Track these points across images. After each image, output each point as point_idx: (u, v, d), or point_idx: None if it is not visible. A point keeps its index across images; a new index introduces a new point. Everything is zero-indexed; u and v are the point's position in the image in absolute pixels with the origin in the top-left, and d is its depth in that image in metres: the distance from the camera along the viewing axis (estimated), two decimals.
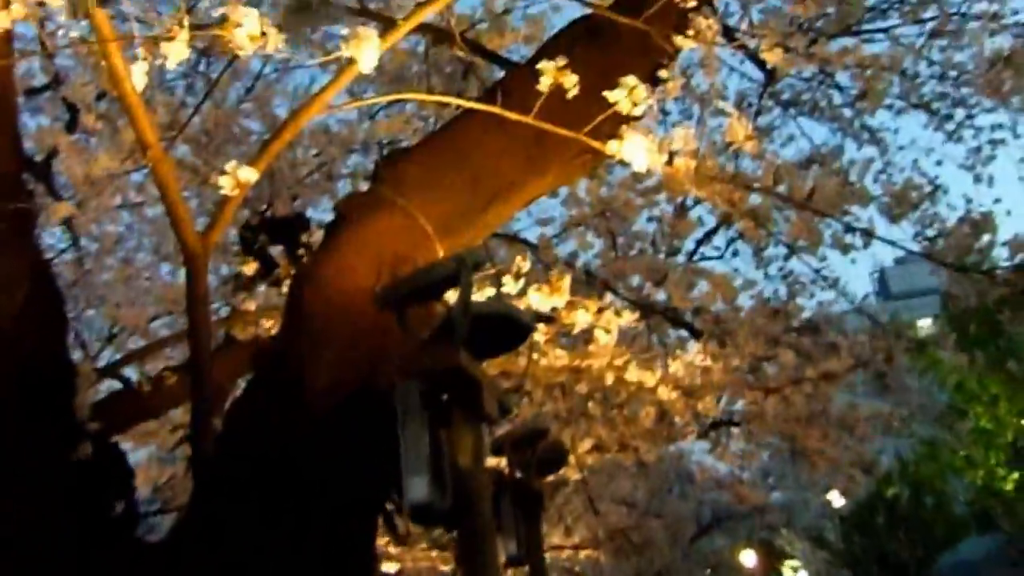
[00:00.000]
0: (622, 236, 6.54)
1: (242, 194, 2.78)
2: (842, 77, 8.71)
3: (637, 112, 2.69)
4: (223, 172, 2.63)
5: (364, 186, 5.28)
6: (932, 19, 8.28)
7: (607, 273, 6.22)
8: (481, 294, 4.31)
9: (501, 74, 4.41)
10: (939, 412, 10.08)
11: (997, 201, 10.75)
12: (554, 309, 4.37)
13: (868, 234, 4.03)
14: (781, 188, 3.43)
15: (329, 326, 3.08)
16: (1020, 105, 8.84)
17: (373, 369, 3.03)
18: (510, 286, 4.27)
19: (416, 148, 3.53)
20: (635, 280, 6.41)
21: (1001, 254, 5.67)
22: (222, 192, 2.63)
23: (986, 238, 4.81)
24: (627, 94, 2.64)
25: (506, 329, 2.39)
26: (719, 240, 8.50)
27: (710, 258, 7.73)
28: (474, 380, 2.18)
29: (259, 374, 3.59)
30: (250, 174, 2.65)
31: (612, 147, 2.74)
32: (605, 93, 2.71)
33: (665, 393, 4.85)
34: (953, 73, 8.82)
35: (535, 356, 4.89)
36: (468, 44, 4.36)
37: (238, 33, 2.21)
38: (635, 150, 2.68)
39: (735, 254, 8.57)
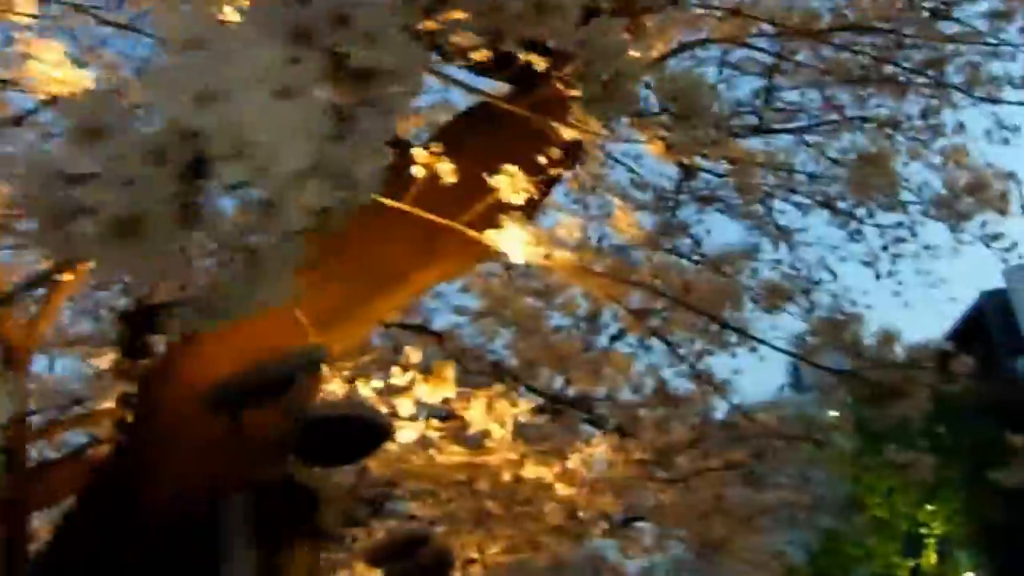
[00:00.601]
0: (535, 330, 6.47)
1: (77, 280, 2.58)
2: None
3: (517, 201, 2.57)
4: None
5: None
6: (832, 121, 8.50)
7: (516, 364, 6.11)
8: (359, 388, 4.15)
9: None
10: (840, 504, 10.10)
11: (896, 294, 10.95)
12: (446, 402, 4.22)
13: (742, 333, 3.99)
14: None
15: (178, 431, 2.74)
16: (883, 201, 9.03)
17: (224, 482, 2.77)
18: (398, 378, 4.12)
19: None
20: (544, 372, 6.32)
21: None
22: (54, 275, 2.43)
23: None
24: (508, 182, 2.53)
25: (360, 432, 2.20)
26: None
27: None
28: (308, 492, 1.95)
29: (94, 486, 3.21)
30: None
31: (490, 238, 2.61)
32: (489, 180, 2.60)
33: (565, 489, 4.68)
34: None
35: (431, 453, 4.72)
36: None
37: None
38: (512, 242, 2.56)
39: (647, 349, 8.55)
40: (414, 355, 3.96)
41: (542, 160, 3.11)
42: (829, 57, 6.33)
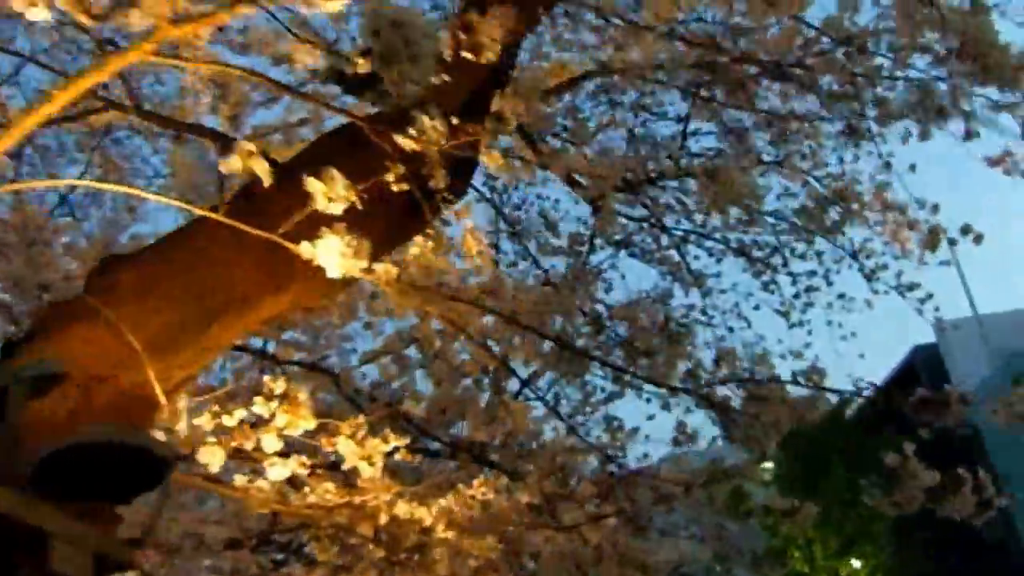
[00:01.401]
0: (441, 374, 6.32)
1: None
2: (669, 220, 8.87)
3: (335, 210, 2.43)
4: None
5: None
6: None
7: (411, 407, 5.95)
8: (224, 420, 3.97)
9: None
10: (758, 556, 10.01)
11: (807, 346, 10.97)
12: (313, 436, 4.05)
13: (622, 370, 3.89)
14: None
15: None
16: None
17: None
18: (261, 408, 3.94)
19: (139, 253, 3.19)
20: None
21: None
22: None
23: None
24: (325, 187, 2.38)
25: (134, 463, 1.99)
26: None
27: (531, 399, 7.59)
28: (34, 531, 1.73)
29: None
30: None
31: (306, 250, 2.47)
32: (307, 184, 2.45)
33: (442, 531, 4.50)
34: (771, 220, 9.08)
35: (304, 492, 4.53)
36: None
37: None
38: (329, 253, 2.41)
39: (556, 397, 8.44)
40: (276, 385, 3.79)
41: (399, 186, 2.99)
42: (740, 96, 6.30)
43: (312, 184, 2.42)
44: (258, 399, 3.83)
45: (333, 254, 2.39)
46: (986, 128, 5.19)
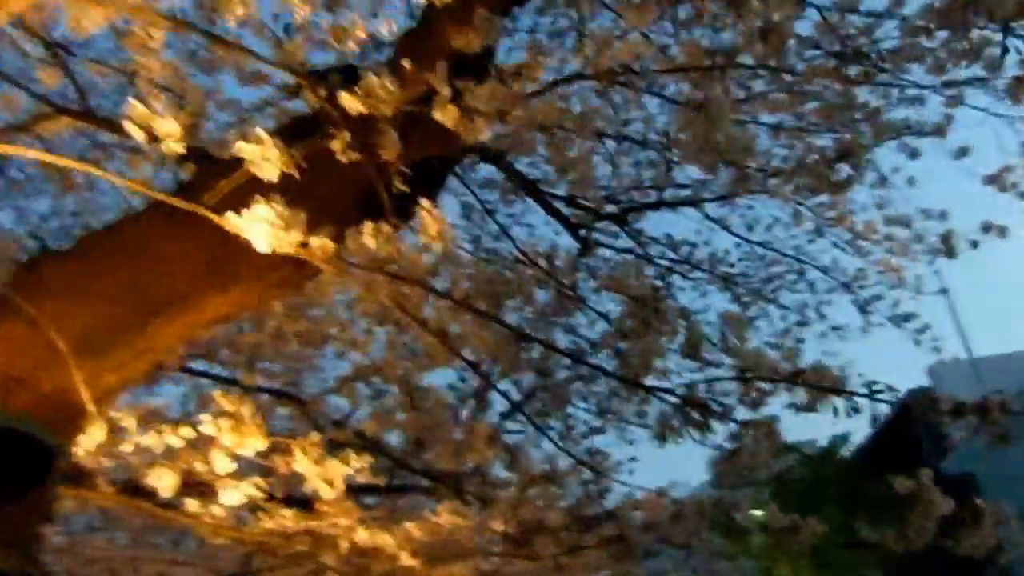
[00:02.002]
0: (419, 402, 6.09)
1: None
2: (653, 250, 8.69)
3: (270, 175, 2.20)
4: None
5: None
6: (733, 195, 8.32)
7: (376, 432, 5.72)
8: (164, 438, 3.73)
9: None
10: None
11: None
12: (266, 457, 3.81)
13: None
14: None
15: None
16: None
17: None
18: (209, 427, 3.71)
19: (73, 247, 2.97)
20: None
21: None
22: None
23: None
24: (257, 150, 2.16)
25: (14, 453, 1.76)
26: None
27: (513, 432, 7.36)
28: None
29: None
30: None
31: (231, 221, 2.24)
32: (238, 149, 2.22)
33: (408, 559, 4.24)
34: (759, 251, 8.90)
35: (258, 517, 4.28)
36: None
37: None
38: (256, 225, 2.19)
39: (539, 429, 8.20)
40: (225, 402, 3.55)
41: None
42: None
43: (243, 148, 2.20)
44: (205, 417, 3.59)
45: (261, 225, 2.17)
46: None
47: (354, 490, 4.49)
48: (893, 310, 8.07)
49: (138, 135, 2.12)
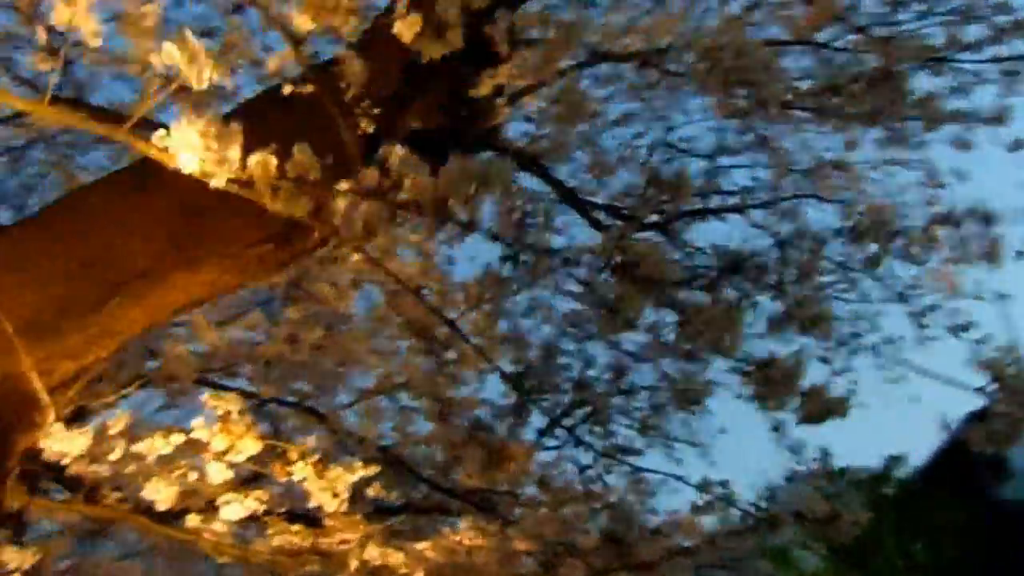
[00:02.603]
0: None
1: None
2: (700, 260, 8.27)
3: (197, 84, 1.87)
4: None
5: None
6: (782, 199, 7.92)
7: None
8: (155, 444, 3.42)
9: None
10: None
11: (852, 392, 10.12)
12: (260, 463, 3.50)
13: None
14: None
15: None
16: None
17: None
18: (201, 432, 3.40)
19: (21, 220, 2.68)
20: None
21: None
22: None
23: None
24: (183, 53, 1.82)
25: None
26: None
27: (549, 448, 6.99)
28: None
29: None
30: None
31: (155, 140, 1.91)
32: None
33: None
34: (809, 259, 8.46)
35: (265, 535, 3.95)
36: None
37: None
38: (183, 141, 1.85)
39: (579, 444, 7.83)
40: (214, 402, 3.25)
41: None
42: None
43: (168, 52, 1.88)
44: (196, 422, 3.29)
45: (187, 142, 1.83)
46: None
47: (375, 510, 4.16)
48: (951, 319, 7.60)
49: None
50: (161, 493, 3.73)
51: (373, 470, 3.53)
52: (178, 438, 3.39)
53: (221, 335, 5.54)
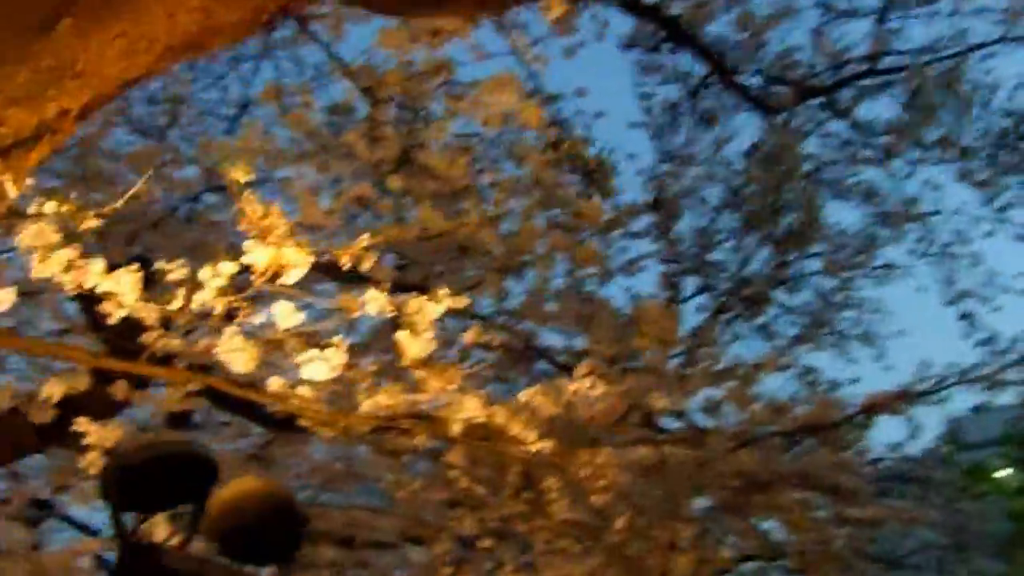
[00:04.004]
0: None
1: None
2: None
3: None
4: None
5: None
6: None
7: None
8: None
9: None
10: (999, 543, 8.34)
11: None
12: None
13: None
14: None
15: None
16: None
17: None
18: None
19: None
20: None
21: None
22: None
23: None
24: None
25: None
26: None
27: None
28: None
29: None
30: None
31: None
32: None
33: (535, 444, 3.22)
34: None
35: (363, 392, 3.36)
36: None
37: None
38: None
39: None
40: (249, 205, 2.64)
41: None
42: None
43: None
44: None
45: None
46: None
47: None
48: None
49: None
50: (238, 355, 3.24)
51: (462, 302, 2.92)
52: (230, 267, 2.86)
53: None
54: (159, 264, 3.07)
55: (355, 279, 3.24)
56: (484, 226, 4.31)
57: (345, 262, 2.70)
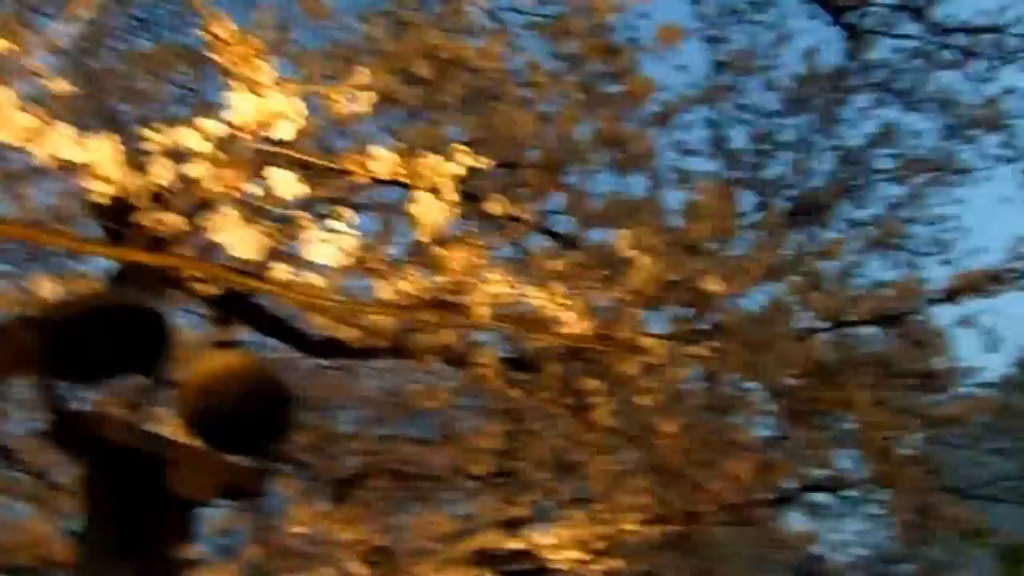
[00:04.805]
0: None
1: None
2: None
3: None
4: None
5: None
6: None
7: None
8: None
9: None
10: None
11: None
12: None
13: None
14: None
15: None
16: None
17: None
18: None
19: None
20: None
21: None
22: None
23: None
24: None
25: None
26: None
27: None
28: None
29: None
30: None
31: None
32: None
33: (579, 326, 2.80)
34: None
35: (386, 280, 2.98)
36: None
37: None
38: None
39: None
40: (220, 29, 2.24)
41: None
42: None
43: None
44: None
45: None
46: None
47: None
48: None
49: None
50: (243, 242, 2.87)
51: (487, 163, 2.52)
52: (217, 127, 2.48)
53: None
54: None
55: None
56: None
57: (340, 106, 2.30)
